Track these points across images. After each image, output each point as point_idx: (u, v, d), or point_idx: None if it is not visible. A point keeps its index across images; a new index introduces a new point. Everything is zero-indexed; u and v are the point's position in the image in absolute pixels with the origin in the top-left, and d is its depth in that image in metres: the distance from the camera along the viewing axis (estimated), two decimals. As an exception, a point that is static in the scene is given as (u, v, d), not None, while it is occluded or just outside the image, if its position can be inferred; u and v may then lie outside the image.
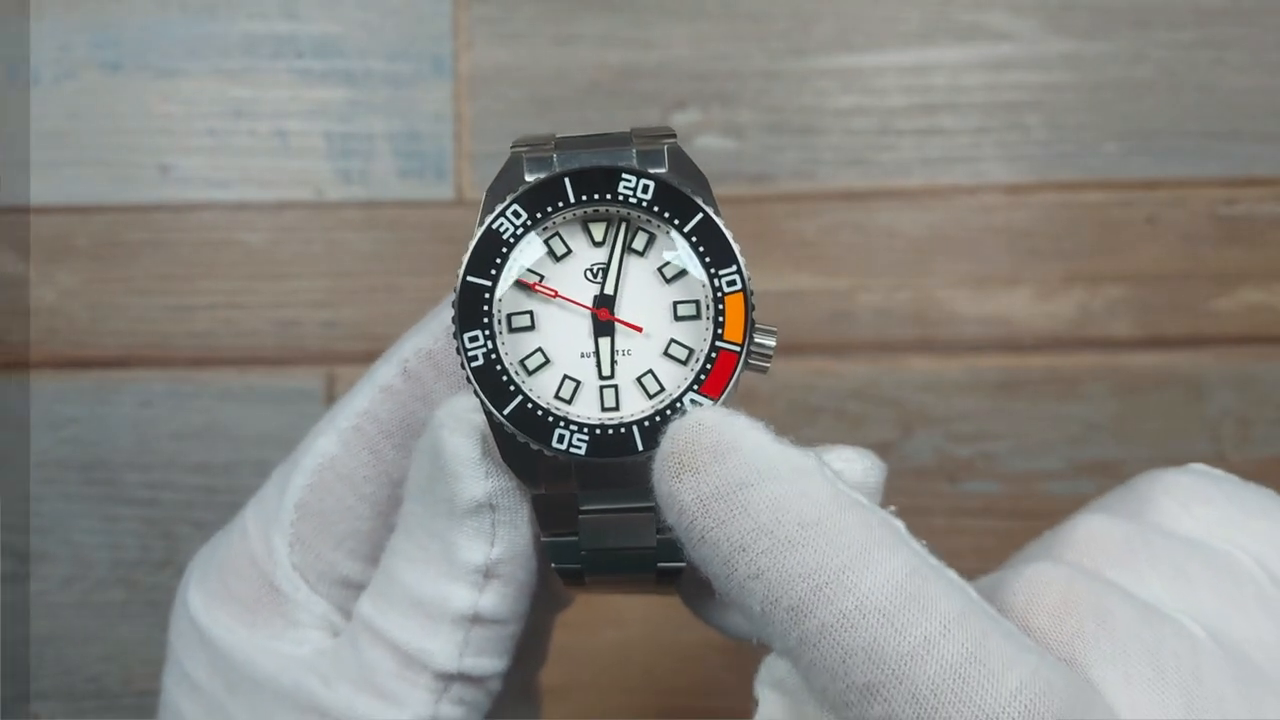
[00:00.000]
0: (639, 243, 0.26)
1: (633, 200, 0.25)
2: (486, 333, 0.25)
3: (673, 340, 0.26)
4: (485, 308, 0.25)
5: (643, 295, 0.26)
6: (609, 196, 0.25)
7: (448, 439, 0.26)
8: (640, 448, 0.25)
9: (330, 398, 0.47)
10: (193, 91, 0.48)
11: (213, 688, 0.28)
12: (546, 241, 0.26)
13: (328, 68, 0.48)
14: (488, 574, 0.27)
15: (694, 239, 0.25)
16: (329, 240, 0.47)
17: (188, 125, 0.48)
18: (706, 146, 0.47)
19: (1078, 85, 0.47)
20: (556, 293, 0.25)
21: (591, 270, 0.26)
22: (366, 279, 0.47)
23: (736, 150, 0.46)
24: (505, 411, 0.25)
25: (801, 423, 0.47)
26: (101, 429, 0.47)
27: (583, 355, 0.26)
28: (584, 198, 0.25)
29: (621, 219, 0.26)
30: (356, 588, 0.29)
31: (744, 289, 0.25)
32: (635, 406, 0.25)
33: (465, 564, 0.26)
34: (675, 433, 0.23)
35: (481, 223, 0.25)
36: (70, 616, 0.47)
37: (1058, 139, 0.47)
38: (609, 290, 0.26)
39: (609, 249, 0.26)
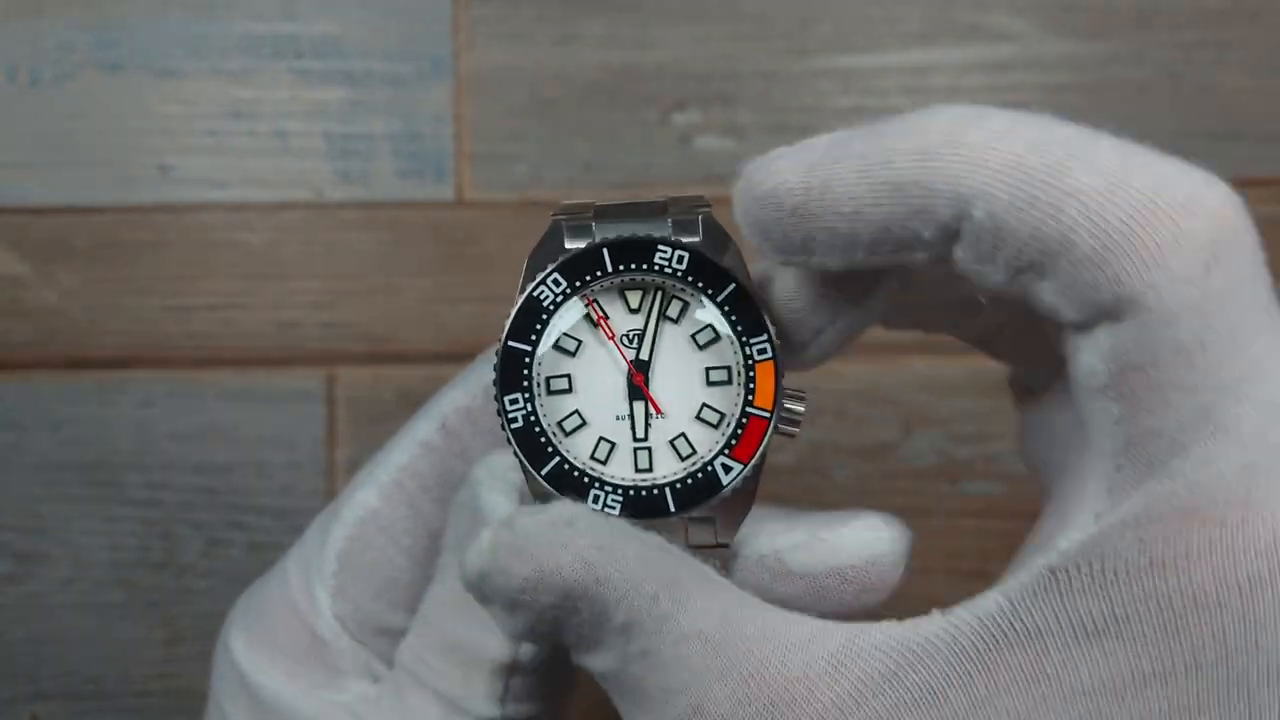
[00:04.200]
0: (673, 310, 0.27)
1: (668, 270, 0.26)
2: (526, 395, 0.26)
3: (705, 405, 0.27)
4: (525, 371, 0.26)
5: (676, 361, 0.27)
6: (645, 266, 0.26)
7: (485, 496, 0.27)
8: (672, 509, 0.26)
9: (330, 399, 0.47)
10: (193, 92, 0.48)
11: None
12: (586, 309, 0.27)
13: (327, 68, 0.48)
14: None
15: (726, 308, 0.26)
16: (329, 241, 0.47)
17: (188, 126, 0.48)
18: (707, 147, 0.47)
19: (1078, 86, 0.47)
20: (613, 335, 0.27)
21: (627, 336, 0.27)
22: (367, 280, 0.47)
23: (737, 150, 0.46)
24: (543, 472, 0.26)
25: (802, 423, 0.46)
26: (101, 430, 0.47)
27: (618, 418, 0.27)
28: (621, 267, 0.26)
29: (657, 287, 0.27)
30: (396, 635, 0.30)
31: (774, 357, 0.26)
32: (668, 468, 0.26)
33: None
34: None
35: (523, 290, 0.27)
36: (70, 617, 0.47)
37: (1058, 140, 0.47)
38: (644, 356, 0.27)
39: (645, 316, 0.27)
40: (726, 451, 0.26)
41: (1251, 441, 0.22)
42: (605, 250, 0.26)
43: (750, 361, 0.26)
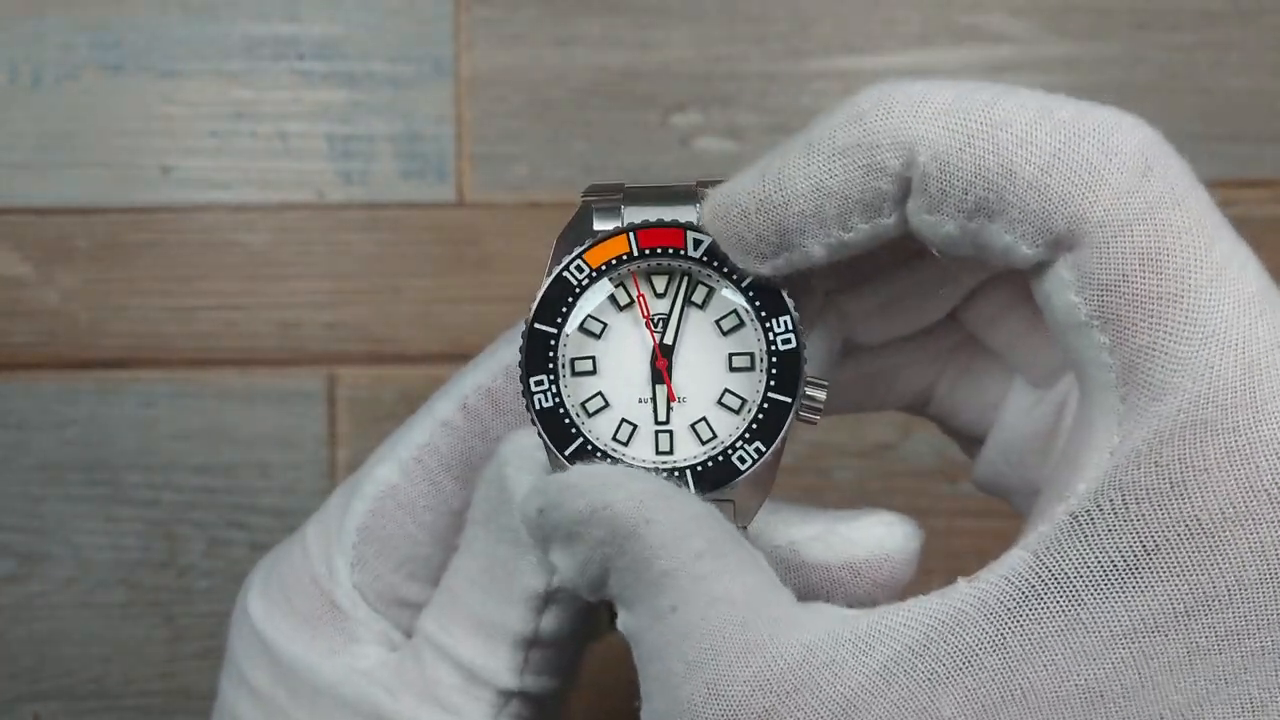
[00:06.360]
0: (699, 296, 0.27)
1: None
2: (551, 378, 0.26)
3: (727, 390, 0.27)
4: (551, 353, 0.26)
5: (700, 346, 0.27)
6: (670, 250, 0.26)
7: (513, 476, 0.28)
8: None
9: (332, 399, 0.47)
10: (194, 93, 0.48)
11: (274, 694, 0.30)
12: (612, 292, 0.27)
13: (329, 69, 0.48)
14: (548, 599, 0.28)
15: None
16: (330, 242, 0.47)
17: (189, 127, 0.48)
18: (706, 148, 0.47)
19: (1076, 87, 0.47)
20: (648, 315, 0.27)
21: (653, 320, 0.27)
22: (368, 280, 0.47)
23: (736, 152, 0.46)
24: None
25: (802, 424, 0.47)
26: (103, 430, 0.47)
27: (640, 400, 0.27)
28: (647, 251, 0.26)
29: (684, 273, 0.27)
30: (414, 607, 0.30)
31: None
32: (688, 451, 0.27)
33: (527, 590, 0.28)
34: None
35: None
36: (71, 617, 0.47)
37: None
38: (668, 340, 0.27)
39: (670, 301, 0.27)
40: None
41: (1243, 340, 0.21)
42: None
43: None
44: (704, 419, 0.27)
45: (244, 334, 0.47)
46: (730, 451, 0.26)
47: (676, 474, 0.26)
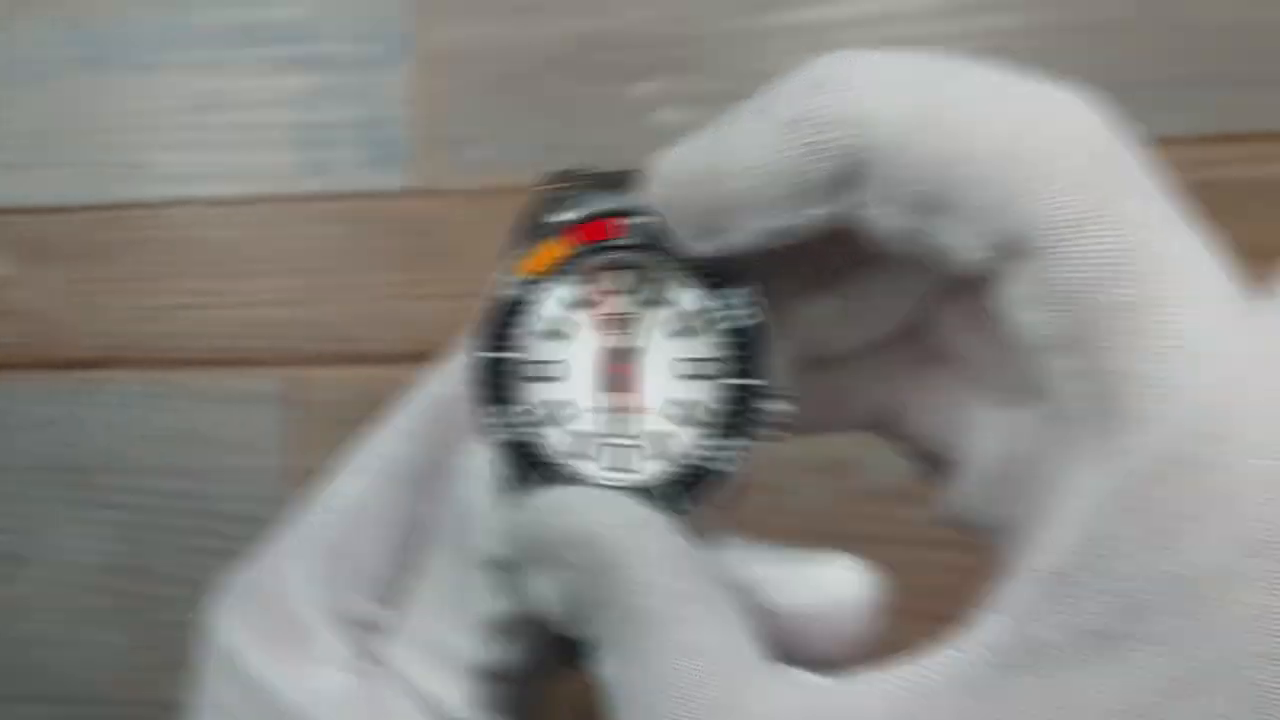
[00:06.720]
0: (656, 294, 0.25)
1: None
2: (505, 406, 0.25)
3: (687, 398, 0.25)
4: (499, 379, 0.25)
5: (658, 349, 0.25)
6: (608, 244, 0.25)
7: (473, 496, 0.27)
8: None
9: (297, 400, 0.45)
10: (162, 86, 0.47)
11: (243, 713, 0.29)
12: (566, 292, 0.25)
13: (293, 54, 0.46)
14: (506, 628, 0.28)
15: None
16: (297, 235, 0.46)
17: (159, 120, 0.47)
18: (668, 120, 0.42)
19: (1041, 26, 0.40)
20: (606, 316, 0.25)
21: (612, 322, 0.25)
22: (337, 275, 0.45)
23: (704, 122, 0.42)
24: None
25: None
26: (81, 431, 0.47)
27: (597, 409, 0.25)
28: (582, 249, 0.25)
29: (639, 267, 0.25)
30: (375, 628, 0.30)
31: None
32: (649, 464, 0.25)
33: (482, 616, 0.27)
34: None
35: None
36: (50, 621, 0.47)
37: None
38: (628, 344, 0.25)
39: (630, 302, 0.25)
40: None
41: (1222, 355, 0.19)
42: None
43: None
44: (664, 428, 0.25)
45: (210, 333, 0.46)
46: (705, 460, 0.24)
47: (646, 491, 0.24)
